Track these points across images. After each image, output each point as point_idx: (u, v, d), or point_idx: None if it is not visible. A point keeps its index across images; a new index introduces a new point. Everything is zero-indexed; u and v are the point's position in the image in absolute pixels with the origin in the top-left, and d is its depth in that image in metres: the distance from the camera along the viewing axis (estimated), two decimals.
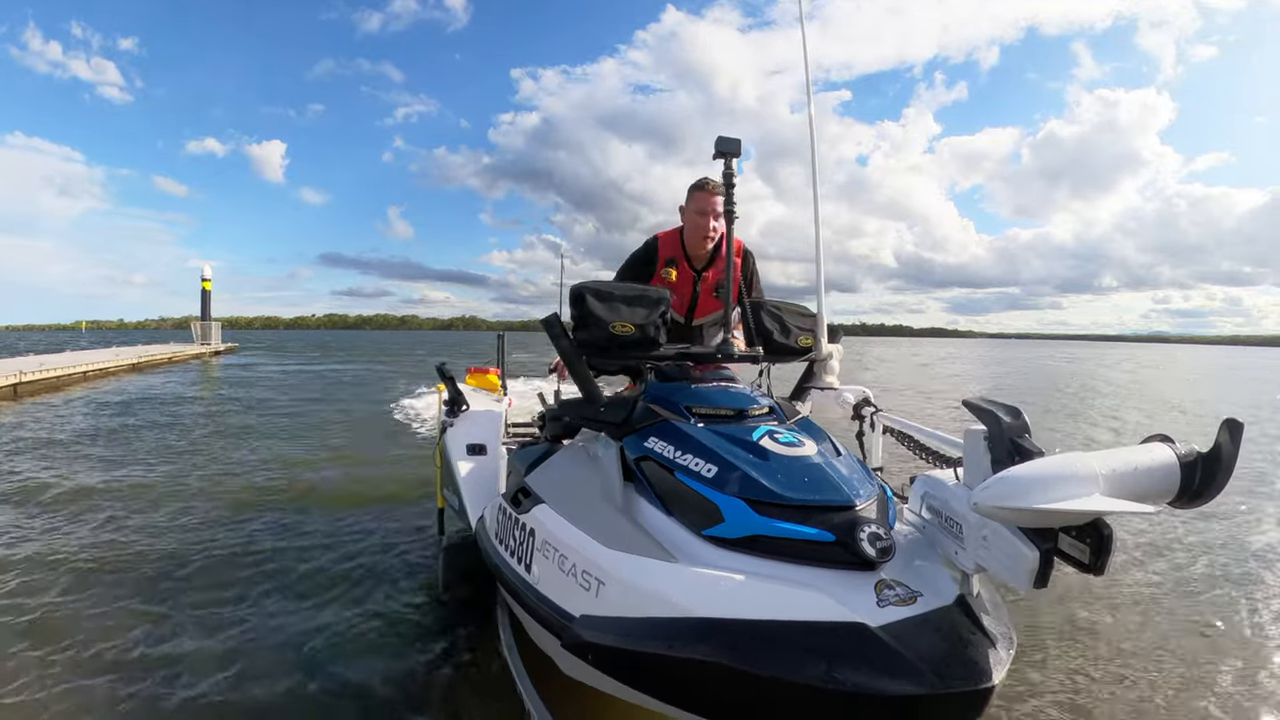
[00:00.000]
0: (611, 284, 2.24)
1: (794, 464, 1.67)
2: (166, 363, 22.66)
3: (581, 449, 2.23)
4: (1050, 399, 15.69)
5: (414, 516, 4.68)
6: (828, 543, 1.46)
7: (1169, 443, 1.38)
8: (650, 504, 1.76)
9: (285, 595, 3.40)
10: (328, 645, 2.87)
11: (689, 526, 1.63)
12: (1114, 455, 1.30)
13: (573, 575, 1.62)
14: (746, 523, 1.54)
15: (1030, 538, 1.29)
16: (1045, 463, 1.27)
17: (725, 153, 2.25)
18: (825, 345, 2.41)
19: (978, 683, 1.24)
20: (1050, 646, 2.93)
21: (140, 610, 3.15)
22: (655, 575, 1.48)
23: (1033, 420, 1.47)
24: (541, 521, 1.84)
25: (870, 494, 1.63)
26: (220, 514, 4.73)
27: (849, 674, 1.22)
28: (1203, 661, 2.87)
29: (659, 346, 2.22)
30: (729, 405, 1.99)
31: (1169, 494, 1.34)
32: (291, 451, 7.15)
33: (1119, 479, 1.26)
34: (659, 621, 1.38)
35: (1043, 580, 1.28)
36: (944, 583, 1.47)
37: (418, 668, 2.71)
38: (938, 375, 23.96)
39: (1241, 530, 4.80)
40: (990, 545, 1.38)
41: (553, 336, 2.17)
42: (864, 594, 1.38)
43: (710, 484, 1.64)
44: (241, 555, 3.91)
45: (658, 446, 1.83)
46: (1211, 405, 15.22)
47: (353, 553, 3.98)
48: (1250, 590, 3.69)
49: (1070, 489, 1.20)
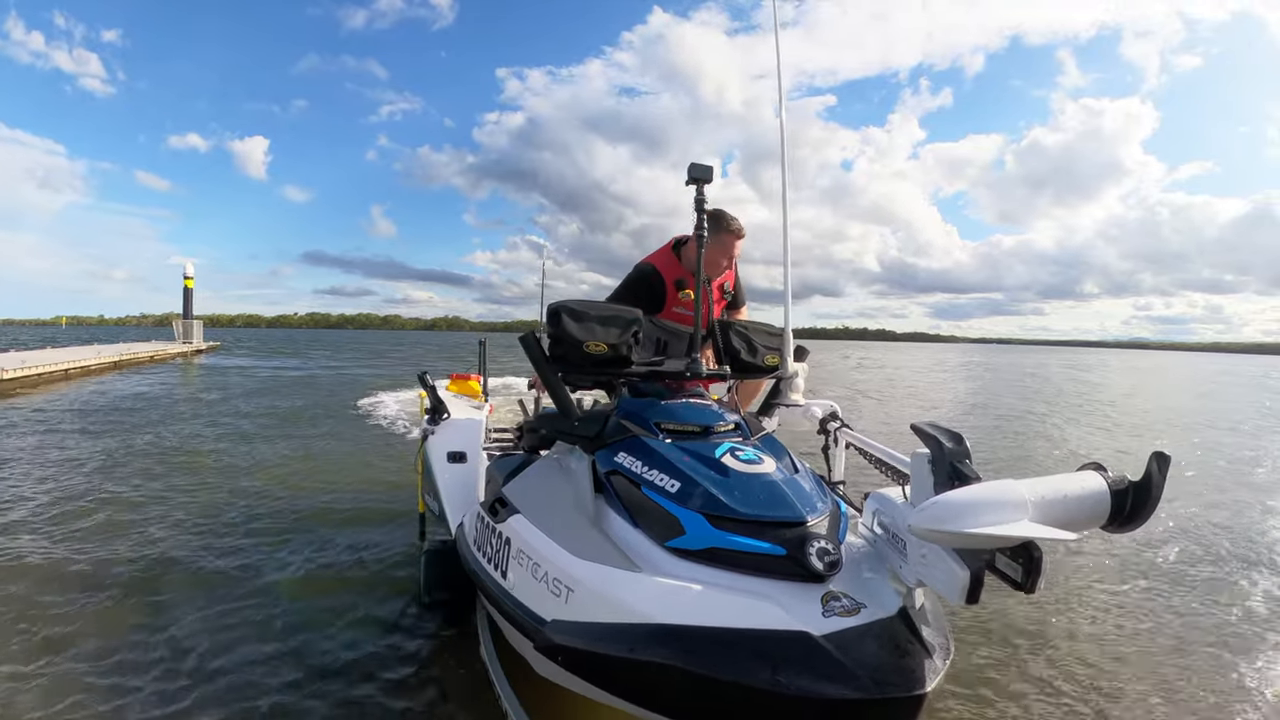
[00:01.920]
0: (588, 303, 2.33)
1: (752, 481, 1.77)
2: (148, 361, 22.40)
3: (556, 461, 2.32)
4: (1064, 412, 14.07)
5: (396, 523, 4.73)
6: (779, 556, 1.57)
7: (1101, 471, 1.47)
8: (618, 516, 1.85)
9: (266, 595, 3.44)
10: (308, 647, 2.92)
11: (653, 538, 1.72)
12: (1045, 483, 1.40)
13: (545, 582, 1.71)
14: (705, 536, 1.64)
15: (963, 558, 1.39)
16: (977, 489, 1.36)
17: (698, 179, 2.35)
18: (791, 364, 2.50)
19: (911, 689, 1.34)
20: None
21: (115, 621, 3.15)
22: (620, 584, 1.58)
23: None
24: (517, 531, 1.93)
25: (823, 510, 1.73)
26: (205, 523, 4.74)
27: (793, 679, 1.32)
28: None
29: (631, 364, 2.32)
30: (696, 421, 2.09)
31: (1100, 520, 1.44)
32: (282, 457, 7.14)
33: (1048, 506, 1.35)
34: (622, 627, 1.48)
35: (974, 597, 1.38)
36: (888, 595, 1.57)
37: (399, 669, 2.76)
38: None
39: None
40: (929, 562, 1.48)
41: (530, 354, 2.26)
42: (811, 605, 1.48)
43: (673, 499, 1.75)
44: (226, 558, 3.95)
45: (626, 462, 1.93)
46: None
47: (335, 560, 4.02)
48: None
49: (999, 515, 1.30)
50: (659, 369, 2.43)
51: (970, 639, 3.01)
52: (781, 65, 2.76)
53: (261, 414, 10.42)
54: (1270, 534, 5.10)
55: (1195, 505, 5.79)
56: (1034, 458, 8.55)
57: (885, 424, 11.18)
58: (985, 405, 14.77)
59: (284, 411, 10.78)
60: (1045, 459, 8.39)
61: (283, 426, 9.18)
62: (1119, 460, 7.89)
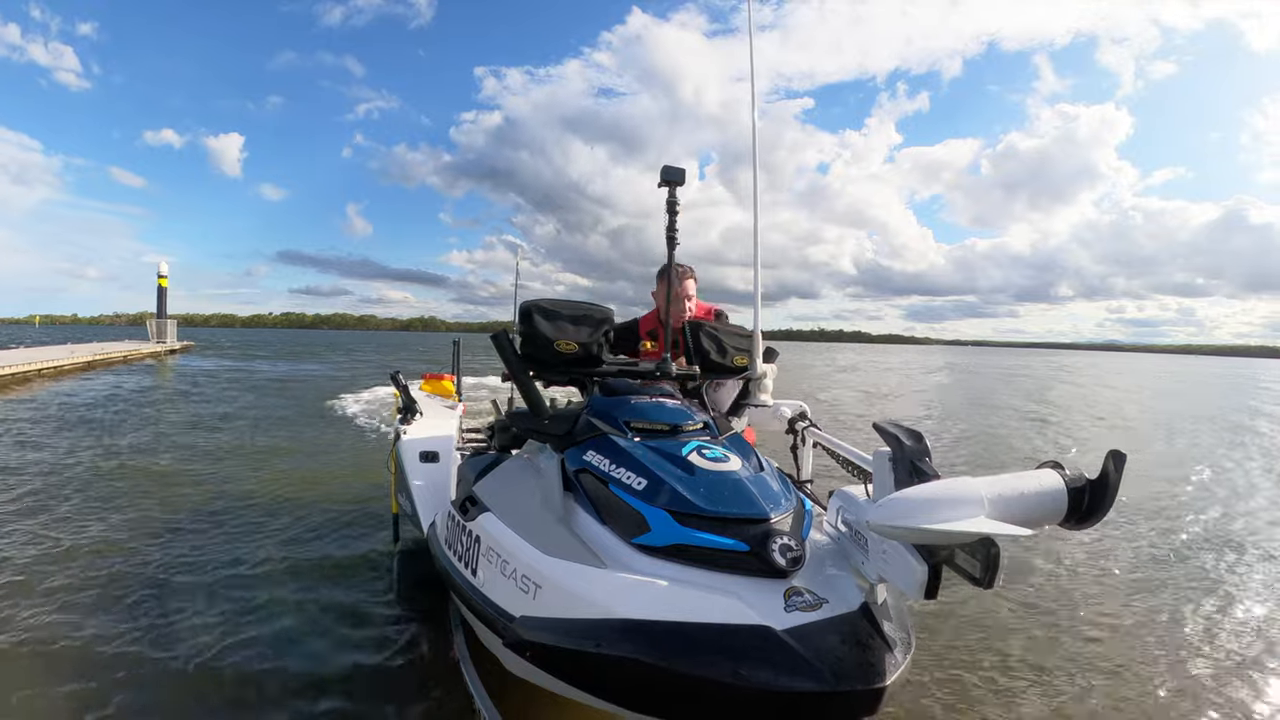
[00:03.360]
0: (559, 302, 2.35)
1: (717, 478, 1.79)
2: (122, 361, 22.10)
3: (527, 460, 2.33)
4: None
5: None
6: (742, 552, 1.59)
7: (1059, 469, 1.50)
8: (587, 513, 1.86)
9: (241, 597, 3.41)
10: (281, 648, 2.91)
11: (620, 535, 1.74)
12: (1002, 481, 1.42)
13: (513, 579, 1.73)
14: (670, 532, 1.66)
15: (921, 554, 1.41)
16: (935, 486, 1.38)
17: (670, 180, 2.37)
18: (760, 365, 2.52)
19: (871, 683, 1.36)
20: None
21: (98, 616, 3.14)
22: (586, 580, 1.60)
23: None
24: (486, 529, 1.94)
25: (787, 507, 1.75)
26: (181, 520, 4.69)
27: (754, 672, 1.34)
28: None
29: (602, 363, 2.34)
30: (665, 420, 2.11)
31: (1057, 516, 1.46)
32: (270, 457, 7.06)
33: (1004, 503, 1.38)
34: (589, 622, 1.50)
35: (932, 592, 1.40)
36: (850, 590, 1.59)
37: (372, 669, 2.78)
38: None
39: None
40: (889, 558, 1.50)
41: (501, 352, 2.27)
42: (773, 599, 1.50)
43: (639, 496, 1.76)
44: (197, 559, 3.91)
45: (595, 460, 1.94)
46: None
47: (313, 556, 4.00)
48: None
49: (956, 511, 1.32)
50: (629, 368, 2.44)
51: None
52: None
53: (238, 416, 10.33)
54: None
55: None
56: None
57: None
58: (1045, 418, 13.81)
59: (260, 414, 10.67)
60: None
61: (258, 429, 9.10)
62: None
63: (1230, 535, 5.18)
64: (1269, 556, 4.64)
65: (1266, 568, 4.41)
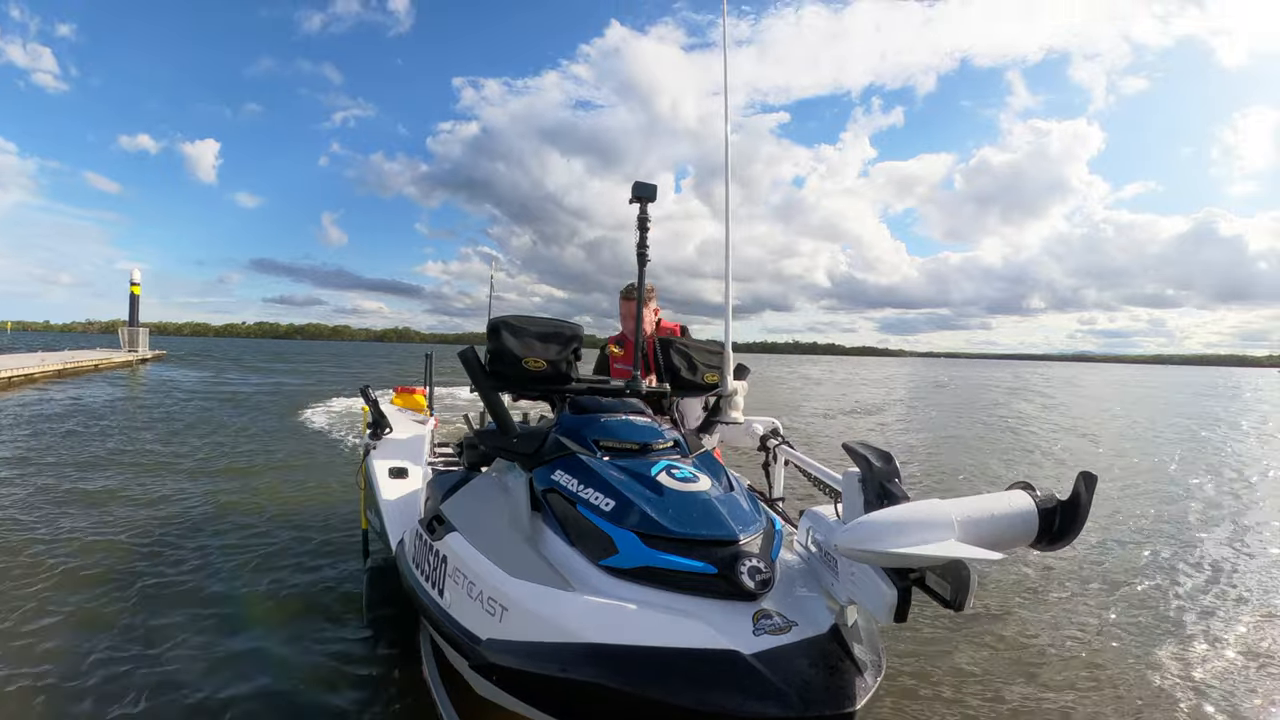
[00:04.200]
0: (528, 319, 2.31)
1: (686, 499, 1.76)
2: (93, 369, 21.69)
3: (495, 479, 2.29)
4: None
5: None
6: (710, 575, 1.56)
7: (1030, 490, 1.49)
8: (554, 534, 1.83)
9: (205, 614, 3.32)
10: (249, 667, 2.85)
11: (587, 556, 1.71)
12: (971, 503, 1.41)
13: (480, 601, 1.69)
14: (637, 554, 1.63)
15: (891, 577, 1.39)
16: (903, 509, 1.36)
17: (641, 197, 2.36)
18: (731, 382, 2.50)
19: (840, 708, 1.34)
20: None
21: (61, 631, 3.07)
22: (553, 603, 1.57)
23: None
24: (453, 549, 1.90)
25: (756, 528, 1.73)
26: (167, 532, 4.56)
27: (720, 698, 1.32)
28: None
29: (571, 380, 2.30)
30: (634, 439, 2.08)
31: (1028, 538, 1.45)
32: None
33: (974, 525, 1.36)
34: (555, 646, 1.47)
35: (902, 615, 1.38)
36: (820, 612, 1.56)
37: (341, 688, 2.72)
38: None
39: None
40: (858, 581, 1.48)
41: (469, 370, 2.23)
42: (742, 623, 1.48)
43: (607, 517, 1.73)
44: (160, 575, 3.79)
45: (563, 480, 1.91)
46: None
47: (281, 574, 3.90)
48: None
49: (924, 535, 1.30)
50: (598, 386, 2.41)
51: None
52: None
53: (209, 430, 10.14)
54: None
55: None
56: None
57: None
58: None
59: (234, 428, 10.49)
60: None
61: (232, 443, 8.94)
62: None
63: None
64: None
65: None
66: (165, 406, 12.92)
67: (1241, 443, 12.26)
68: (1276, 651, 3.26)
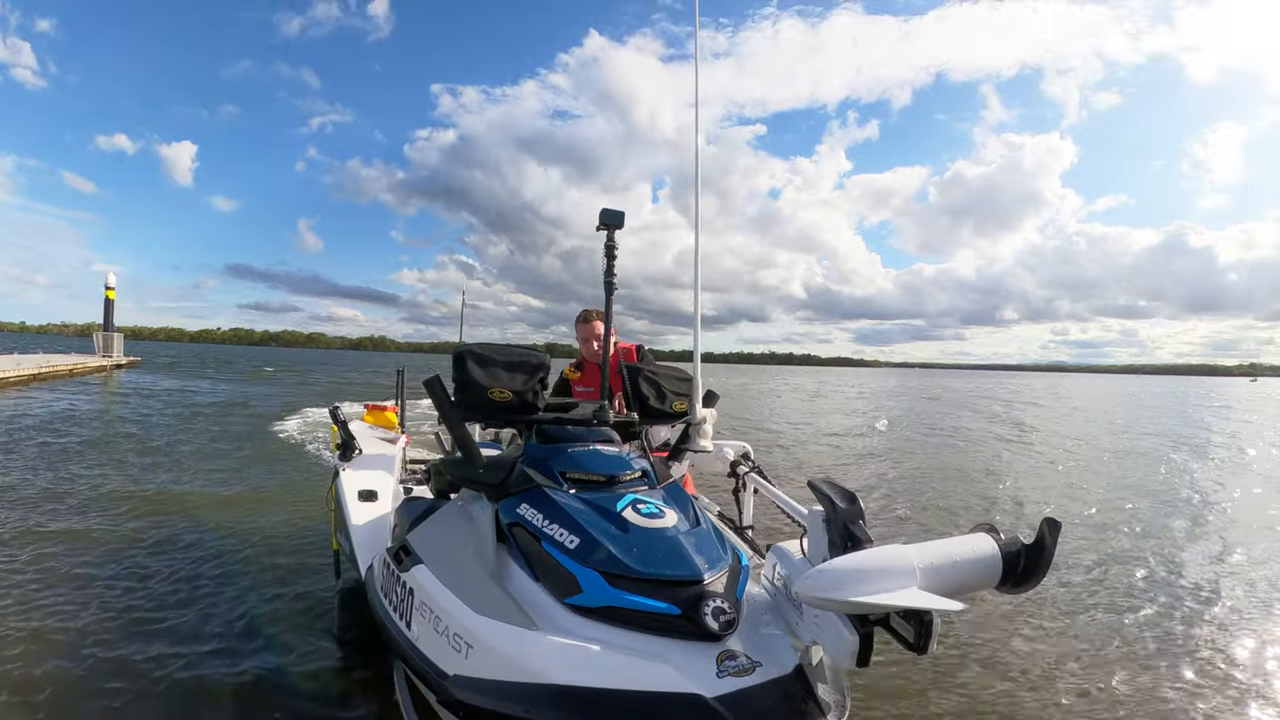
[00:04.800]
0: (495, 347, 2.28)
1: (651, 537, 1.75)
2: (68, 375, 21.33)
3: (461, 508, 2.26)
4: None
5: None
6: (674, 615, 1.55)
7: (993, 534, 1.49)
8: (520, 568, 1.82)
9: (172, 636, 3.24)
10: (218, 691, 2.78)
11: (552, 594, 1.70)
12: (934, 548, 1.41)
13: (445, 636, 1.68)
14: (602, 594, 1.62)
15: (853, 622, 1.39)
16: (864, 556, 1.36)
17: (609, 224, 2.34)
18: (699, 410, 2.49)
19: None
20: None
21: (34, 665, 2.93)
22: (518, 642, 1.56)
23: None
24: (420, 582, 1.88)
25: (722, 566, 1.72)
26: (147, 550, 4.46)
27: None
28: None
29: (537, 410, 2.28)
30: (601, 471, 2.06)
31: (992, 582, 1.46)
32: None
33: (936, 571, 1.36)
34: (520, 686, 1.47)
35: (864, 660, 1.39)
36: (785, 652, 1.56)
37: (314, 712, 2.67)
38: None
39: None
40: (821, 623, 1.48)
41: (434, 398, 2.20)
42: (705, 664, 1.47)
43: (572, 555, 1.72)
44: (130, 595, 3.70)
45: (528, 514, 1.89)
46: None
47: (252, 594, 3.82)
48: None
49: (886, 582, 1.29)
50: (564, 415, 2.39)
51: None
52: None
53: (183, 441, 9.98)
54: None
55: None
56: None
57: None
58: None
59: (208, 440, 10.32)
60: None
61: (202, 458, 8.77)
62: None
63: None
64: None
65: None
66: (140, 418, 12.70)
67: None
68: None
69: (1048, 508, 6.92)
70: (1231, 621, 3.78)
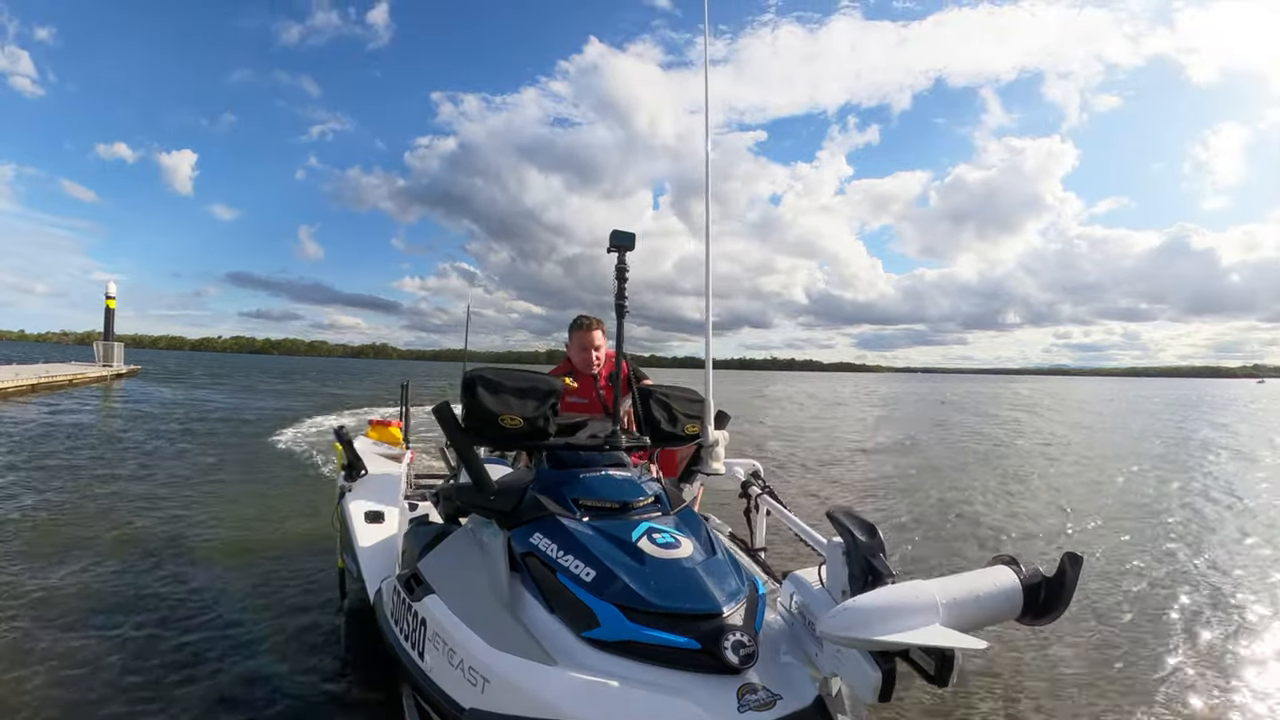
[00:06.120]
0: (505, 373, 2.24)
1: (668, 568, 1.73)
2: (68, 384, 21.25)
3: (472, 535, 2.23)
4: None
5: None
6: (694, 650, 1.53)
7: (1014, 565, 1.48)
8: (534, 599, 1.79)
9: (177, 657, 3.20)
10: (225, 704, 2.77)
11: (569, 627, 1.67)
12: (955, 582, 1.40)
13: (461, 669, 1.67)
14: (619, 628, 1.60)
15: (875, 658, 1.37)
16: (887, 594, 1.34)
17: (620, 246, 2.30)
18: (712, 432, 2.45)
19: None
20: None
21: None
22: (535, 678, 1.54)
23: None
24: (433, 613, 1.87)
25: (740, 596, 1.70)
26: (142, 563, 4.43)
27: None
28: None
29: (549, 436, 2.24)
30: (614, 498, 2.04)
31: (1013, 614, 1.45)
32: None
33: (959, 607, 1.35)
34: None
35: (886, 695, 1.37)
36: (804, 684, 1.54)
37: None
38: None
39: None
40: (843, 658, 1.47)
41: (443, 426, 2.17)
42: (726, 699, 1.45)
43: (588, 588, 1.69)
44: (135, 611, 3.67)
45: (542, 544, 1.87)
46: None
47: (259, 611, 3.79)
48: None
49: (909, 620, 1.28)
50: (576, 441, 2.35)
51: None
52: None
53: (185, 453, 9.94)
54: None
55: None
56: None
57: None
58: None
59: (211, 457, 10.28)
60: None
61: (208, 472, 8.75)
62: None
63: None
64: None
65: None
66: (139, 431, 12.67)
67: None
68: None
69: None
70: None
